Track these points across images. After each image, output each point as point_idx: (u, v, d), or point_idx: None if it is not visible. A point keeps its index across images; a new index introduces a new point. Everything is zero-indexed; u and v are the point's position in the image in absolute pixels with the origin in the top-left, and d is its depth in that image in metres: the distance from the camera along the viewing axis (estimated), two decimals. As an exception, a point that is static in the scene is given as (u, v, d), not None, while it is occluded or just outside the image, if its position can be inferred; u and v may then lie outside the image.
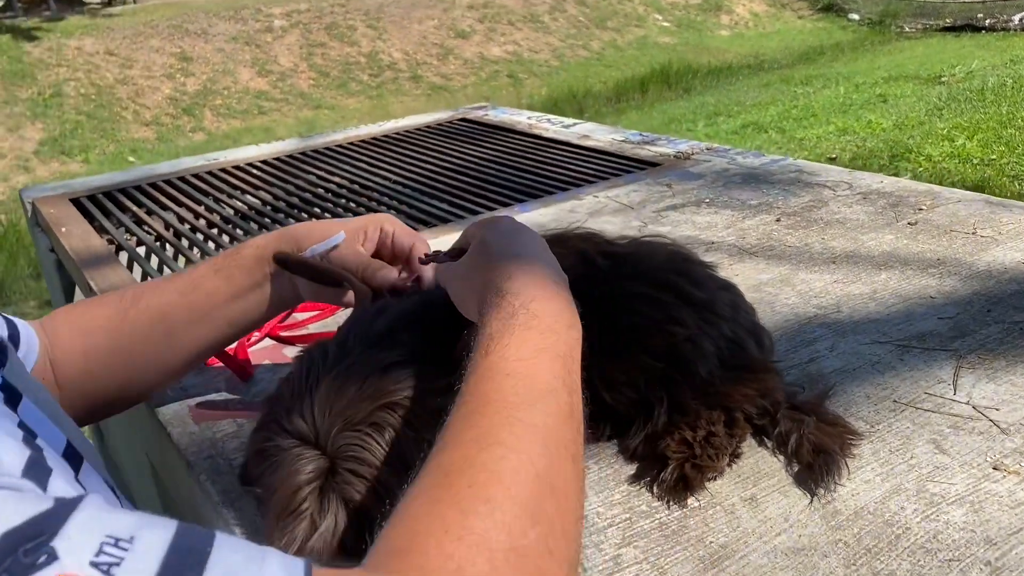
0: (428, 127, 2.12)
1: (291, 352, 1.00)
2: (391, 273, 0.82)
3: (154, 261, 1.47)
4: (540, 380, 0.54)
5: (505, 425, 0.50)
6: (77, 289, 1.48)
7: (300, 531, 0.61)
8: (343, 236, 0.84)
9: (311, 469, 0.62)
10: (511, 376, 0.54)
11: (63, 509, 0.38)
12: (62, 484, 0.45)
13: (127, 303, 0.81)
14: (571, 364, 0.58)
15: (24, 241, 5.56)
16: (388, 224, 0.87)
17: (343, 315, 0.96)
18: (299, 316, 1.08)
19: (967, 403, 0.81)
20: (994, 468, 0.72)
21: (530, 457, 0.49)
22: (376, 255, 0.87)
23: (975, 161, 4.39)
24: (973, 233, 1.17)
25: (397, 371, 0.65)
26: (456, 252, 0.74)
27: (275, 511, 0.63)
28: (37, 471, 0.45)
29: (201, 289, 0.81)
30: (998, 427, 0.77)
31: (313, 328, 1.06)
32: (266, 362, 0.99)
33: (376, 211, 1.58)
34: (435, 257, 0.78)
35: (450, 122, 2.15)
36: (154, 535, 0.39)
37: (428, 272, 0.85)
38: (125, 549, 0.37)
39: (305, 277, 0.83)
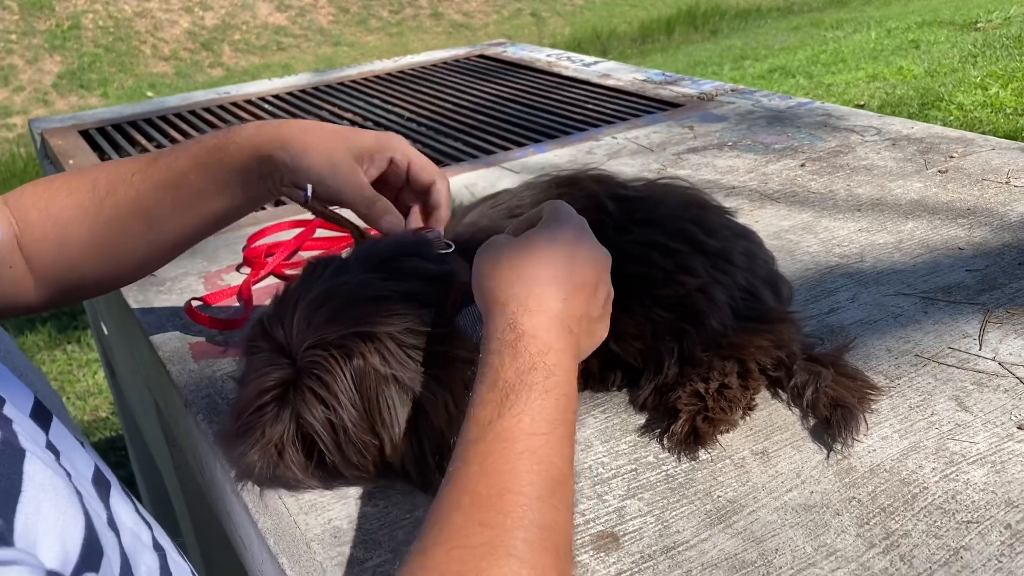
0: (445, 63, 2.07)
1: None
2: (397, 221, 0.74)
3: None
4: (554, 466, 0.50)
5: (519, 529, 0.46)
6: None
7: (250, 434, 0.63)
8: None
9: (276, 377, 0.62)
10: (524, 456, 0.49)
11: None
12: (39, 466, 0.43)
13: (102, 192, 0.75)
14: (574, 435, 0.54)
15: (43, 174, 5.57)
16: (400, 153, 0.77)
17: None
18: (305, 255, 1.06)
19: (993, 359, 0.77)
20: (1019, 427, 0.69)
21: (543, 570, 0.45)
22: (384, 183, 0.78)
23: (1008, 111, 4.26)
24: (1007, 183, 1.12)
25: (385, 304, 0.63)
26: (518, 227, 0.67)
27: (236, 408, 0.65)
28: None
29: (184, 187, 0.74)
30: (1025, 385, 0.74)
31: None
32: (268, 302, 0.97)
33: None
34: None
35: (467, 58, 2.09)
36: None
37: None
38: None
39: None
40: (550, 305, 0.57)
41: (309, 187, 0.73)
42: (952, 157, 1.22)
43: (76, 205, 0.75)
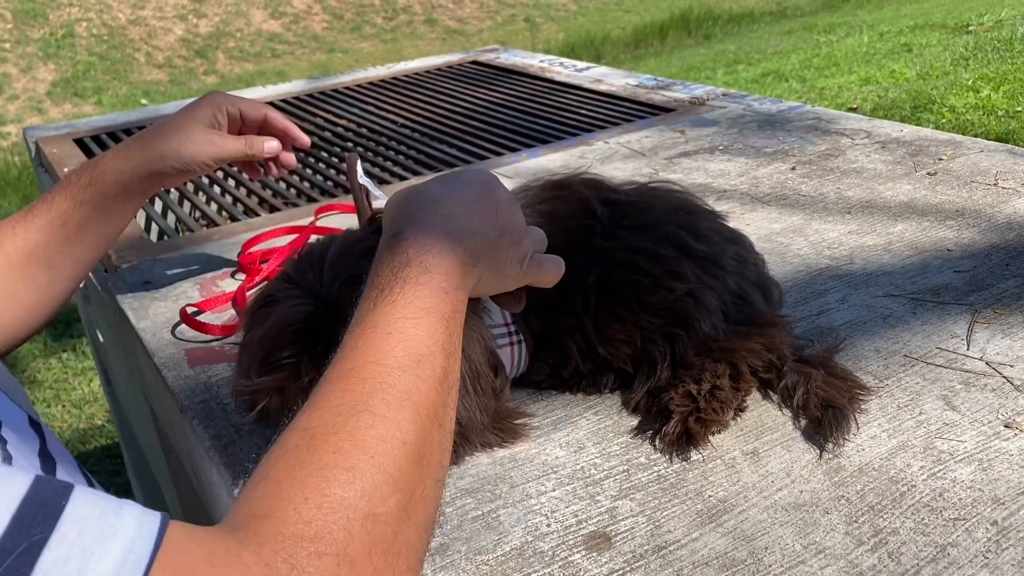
0: (438, 69, 2.08)
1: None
2: (273, 143, 0.93)
3: (157, 204, 1.45)
4: (420, 343, 0.54)
5: (378, 391, 0.50)
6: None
7: (274, 370, 0.65)
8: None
9: (305, 311, 0.65)
10: (392, 336, 0.53)
11: None
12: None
13: None
14: (454, 327, 0.57)
15: (38, 182, 5.57)
16: (228, 106, 0.91)
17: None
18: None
19: (980, 359, 0.78)
20: (1005, 426, 0.70)
21: (398, 425, 0.49)
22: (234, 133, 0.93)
23: (1000, 113, 4.28)
24: (995, 184, 1.14)
25: None
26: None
27: (255, 342, 0.66)
28: None
29: (71, 222, 0.84)
30: (1011, 384, 0.75)
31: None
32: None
33: (384, 155, 1.55)
34: None
35: (461, 64, 2.10)
36: (6, 490, 0.39)
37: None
38: None
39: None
40: (435, 219, 0.61)
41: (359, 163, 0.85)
42: (941, 159, 1.24)
43: None
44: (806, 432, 0.71)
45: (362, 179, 0.84)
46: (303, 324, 0.65)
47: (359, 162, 0.84)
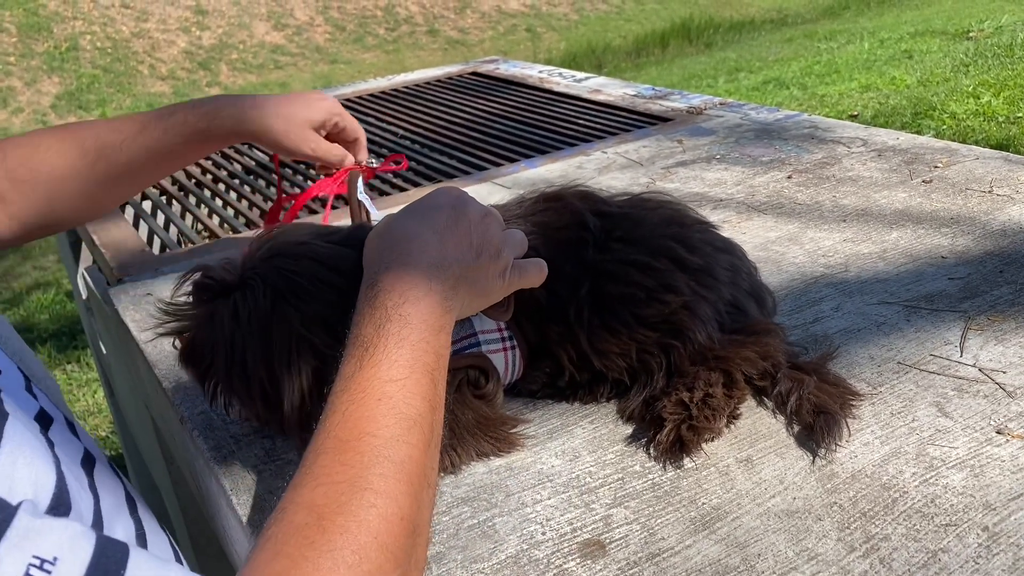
0: (438, 81, 2.09)
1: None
2: (345, 155, 1.01)
3: (159, 217, 1.46)
4: (410, 406, 0.56)
5: (375, 465, 0.52)
6: (83, 245, 1.48)
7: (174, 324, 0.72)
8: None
9: (216, 280, 0.71)
10: (382, 402, 0.55)
11: None
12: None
13: (92, 157, 0.90)
14: (438, 376, 0.59)
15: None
16: (337, 114, 1.00)
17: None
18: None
19: (973, 365, 0.79)
20: (997, 432, 0.70)
21: (396, 500, 0.52)
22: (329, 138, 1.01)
23: (1000, 119, 4.29)
24: (989, 192, 1.14)
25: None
26: None
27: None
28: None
29: (172, 157, 0.94)
30: (1004, 390, 0.75)
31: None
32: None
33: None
34: None
35: (460, 76, 2.11)
36: (75, 556, 0.42)
37: None
38: (49, 572, 0.41)
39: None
40: (409, 259, 0.62)
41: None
42: (937, 167, 1.24)
43: (67, 166, 0.89)
44: (799, 439, 0.72)
45: (361, 195, 0.85)
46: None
47: (360, 179, 0.86)
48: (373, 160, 1.02)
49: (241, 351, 0.67)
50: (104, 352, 1.55)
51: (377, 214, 0.86)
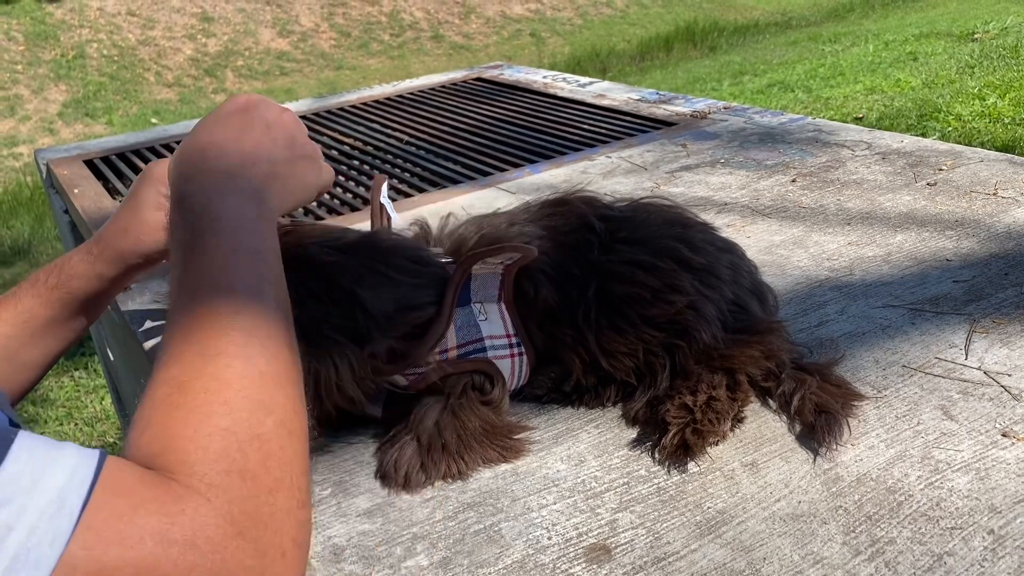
0: (443, 87, 2.10)
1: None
2: None
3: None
4: (241, 282, 0.57)
5: (222, 335, 0.54)
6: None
7: None
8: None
9: None
10: (214, 288, 0.57)
11: None
12: None
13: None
14: (268, 255, 0.60)
15: (49, 203, 5.61)
16: (164, 174, 0.85)
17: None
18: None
19: (978, 368, 0.79)
20: (1003, 435, 0.70)
21: (252, 360, 0.54)
22: None
23: (1006, 120, 4.28)
24: (994, 194, 1.14)
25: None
26: None
27: None
28: None
29: (36, 320, 0.84)
30: (1009, 393, 0.75)
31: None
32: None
33: (390, 172, 1.56)
34: None
35: (465, 81, 2.12)
36: None
37: None
38: None
39: None
40: (206, 164, 0.63)
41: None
42: (941, 170, 1.24)
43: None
44: (804, 443, 0.72)
45: (384, 199, 0.86)
46: None
47: (385, 183, 0.86)
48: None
49: None
50: (112, 359, 1.55)
51: (397, 218, 0.87)
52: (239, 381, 0.52)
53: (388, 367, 0.71)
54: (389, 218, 0.87)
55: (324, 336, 0.68)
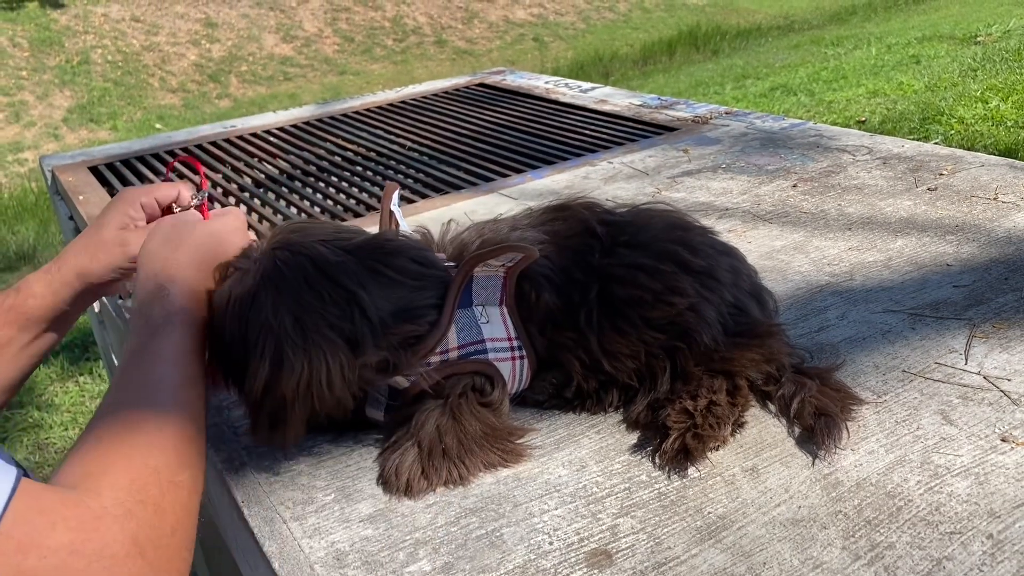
0: (445, 92, 2.11)
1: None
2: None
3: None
4: (186, 375, 0.70)
5: (152, 403, 0.67)
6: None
7: None
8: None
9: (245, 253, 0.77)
10: (138, 388, 0.68)
11: None
12: None
13: None
14: (185, 357, 0.70)
15: (54, 209, 5.63)
16: (137, 196, 0.89)
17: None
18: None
19: (978, 373, 0.79)
20: (1002, 440, 0.71)
21: (183, 424, 0.66)
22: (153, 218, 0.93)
23: (1009, 124, 4.28)
24: (995, 199, 1.15)
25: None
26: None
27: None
28: None
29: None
30: (1009, 398, 0.75)
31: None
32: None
33: (393, 179, 1.57)
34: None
35: (467, 87, 2.13)
36: None
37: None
38: None
39: None
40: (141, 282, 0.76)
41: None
42: (942, 174, 1.25)
43: None
44: (804, 448, 0.72)
45: (394, 206, 0.87)
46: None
47: (397, 191, 0.88)
48: (204, 193, 0.91)
49: (221, 331, 0.71)
50: (116, 365, 1.56)
51: (407, 226, 0.88)
52: (173, 435, 0.65)
53: (378, 376, 0.71)
54: (398, 225, 0.87)
55: (321, 335, 0.68)
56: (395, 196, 0.88)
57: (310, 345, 0.68)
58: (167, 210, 0.91)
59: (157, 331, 0.71)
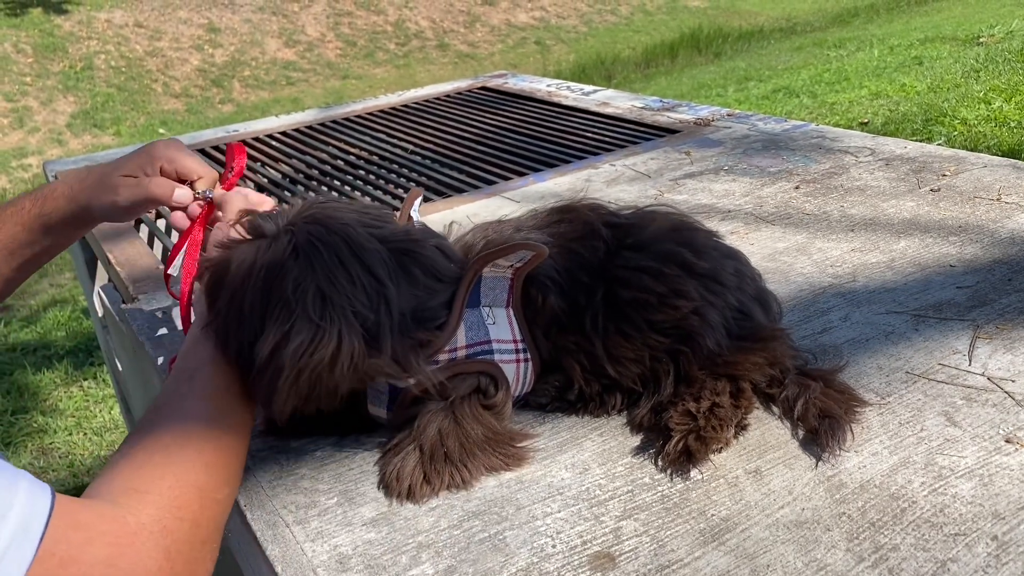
0: (448, 96, 2.11)
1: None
2: (183, 190, 0.94)
3: (174, 236, 1.48)
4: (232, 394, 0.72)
5: (202, 423, 0.69)
6: (99, 263, 1.50)
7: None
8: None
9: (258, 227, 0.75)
10: (178, 412, 0.70)
11: None
12: None
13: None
14: (215, 390, 0.72)
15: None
16: (164, 155, 0.93)
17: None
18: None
19: (982, 374, 0.79)
20: (1006, 441, 0.70)
21: (228, 440, 0.70)
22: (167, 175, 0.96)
23: (1012, 124, 4.27)
24: (998, 199, 1.14)
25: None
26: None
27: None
28: None
29: (16, 241, 0.95)
30: (1013, 399, 0.75)
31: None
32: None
33: (395, 183, 1.57)
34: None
35: (469, 90, 2.13)
36: None
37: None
38: None
39: None
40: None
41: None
42: (944, 175, 1.24)
43: None
44: (808, 450, 0.72)
45: (414, 212, 0.87)
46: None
47: (419, 199, 0.87)
48: (210, 192, 0.94)
49: (241, 299, 0.69)
50: (120, 369, 1.56)
51: None
52: (218, 451, 0.68)
53: (384, 375, 0.70)
54: None
55: (344, 317, 0.67)
56: (417, 202, 0.87)
57: (327, 323, 0.66)
58: (182, 182, 0.95)
59: (208, 348, 0.74)
